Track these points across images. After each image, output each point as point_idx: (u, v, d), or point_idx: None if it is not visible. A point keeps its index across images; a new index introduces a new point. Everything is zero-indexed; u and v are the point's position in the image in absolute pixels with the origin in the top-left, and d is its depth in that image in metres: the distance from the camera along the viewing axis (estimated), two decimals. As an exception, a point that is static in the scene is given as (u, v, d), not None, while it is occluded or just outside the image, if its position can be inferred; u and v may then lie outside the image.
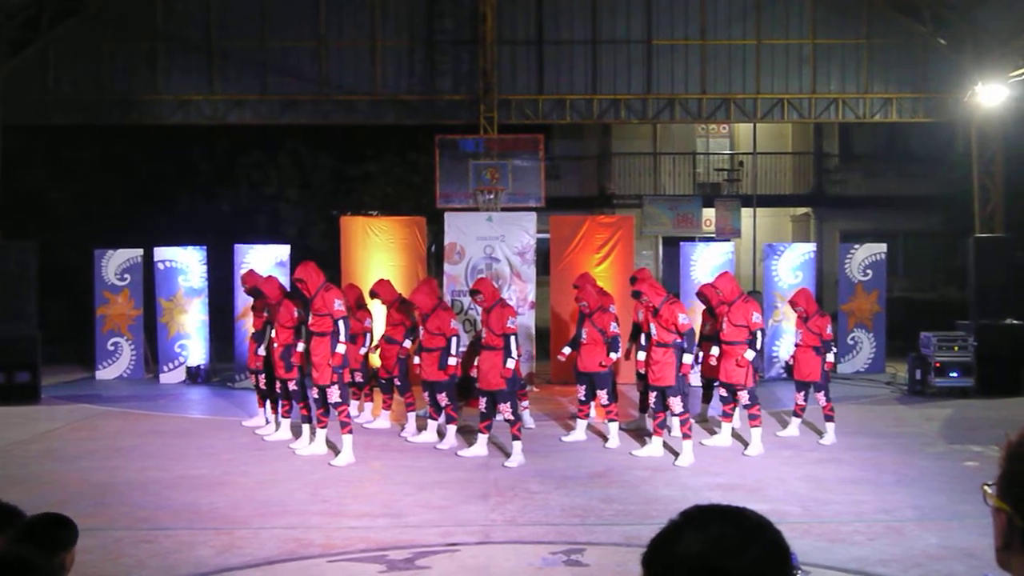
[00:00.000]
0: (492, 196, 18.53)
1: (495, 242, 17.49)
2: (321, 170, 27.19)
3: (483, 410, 11.42)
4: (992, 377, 15.68)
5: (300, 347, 11.85)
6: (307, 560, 7.69)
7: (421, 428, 12.63)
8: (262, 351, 12.78)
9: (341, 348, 11.20)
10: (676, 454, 11.20)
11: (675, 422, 11.58)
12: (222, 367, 18.48)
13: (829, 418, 12.20)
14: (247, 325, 15.20)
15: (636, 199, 27.19)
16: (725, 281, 12.08)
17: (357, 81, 19.98)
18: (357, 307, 13.32)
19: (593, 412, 12.81)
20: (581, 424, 12.55)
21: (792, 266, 18.19)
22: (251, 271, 14.26)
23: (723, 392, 12.09)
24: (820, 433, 12.36)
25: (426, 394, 12.31)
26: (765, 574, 1.67)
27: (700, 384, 13.62)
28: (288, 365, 11.92)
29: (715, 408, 12.84)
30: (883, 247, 18.93)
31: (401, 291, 13.96)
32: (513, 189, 18.75)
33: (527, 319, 16.99)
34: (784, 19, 20.10)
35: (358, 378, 13.49)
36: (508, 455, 11.20)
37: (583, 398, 12.37)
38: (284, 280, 14.86)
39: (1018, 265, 17.16)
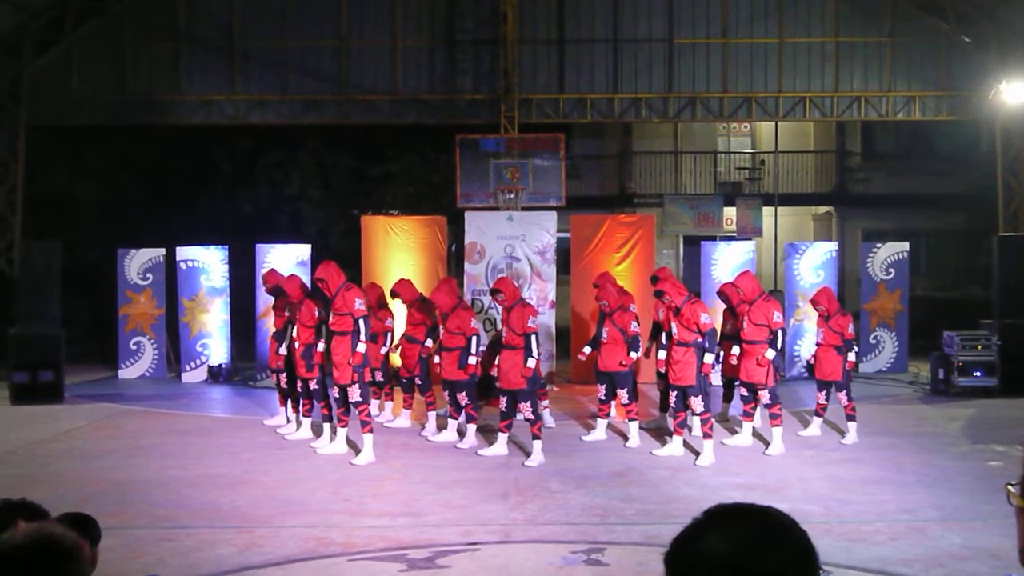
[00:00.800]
0: (512, 195, 18.53)
1: (515, 241, 17.48)
2: (342, 170, 27.27)
3: (503, 409, 11.41)
4: (1016, 376, 15.55)
5: (321, 346, 11.89)
6: (327, 559, 7.70)
7: (441, 427, 12.63)
8: (283, 350, 12.81)
9: (361, 347, 11.21)
10: (697, 453, 11.16)
11: (696, 421, 11.53)
12: (243, 366, 18.55)
13: (851, 418, 12.13)
14: (268, 324, 15.24)
15: (657, 198, 27.14)
16: (746, 280, 12.02)
17: (378, 81, 20.04)
18: (378, 306, 13.33)
19: (613, 411, 12.80)
20: (601, 423, 12.52)
21: (814, 265, 18.11)
22: (272, 270, 14.31)
23: (744, 391, 12.05)
24: (842, 433, 12.30)
25: (446, 393, 12.32)
26: (789, 575, 1.65)
27: (721, 383, 13.59)
28: (309, 364, 11.96)
29: (736, 407, 12.80)
30: (905, 246, 18.81)
31: (422, 290, 13.97)
32: (534, 188, 18.74)
33: (547, 318, 16.97)
34: (806, 17, 20.03)
35: (378, 377, 13.52)
36: (528, 454, 11.18)
37: (603, 397, 12.35)
38: (305, 280, 14.89)
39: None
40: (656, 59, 20.10)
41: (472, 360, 11.87)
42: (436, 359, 12.40)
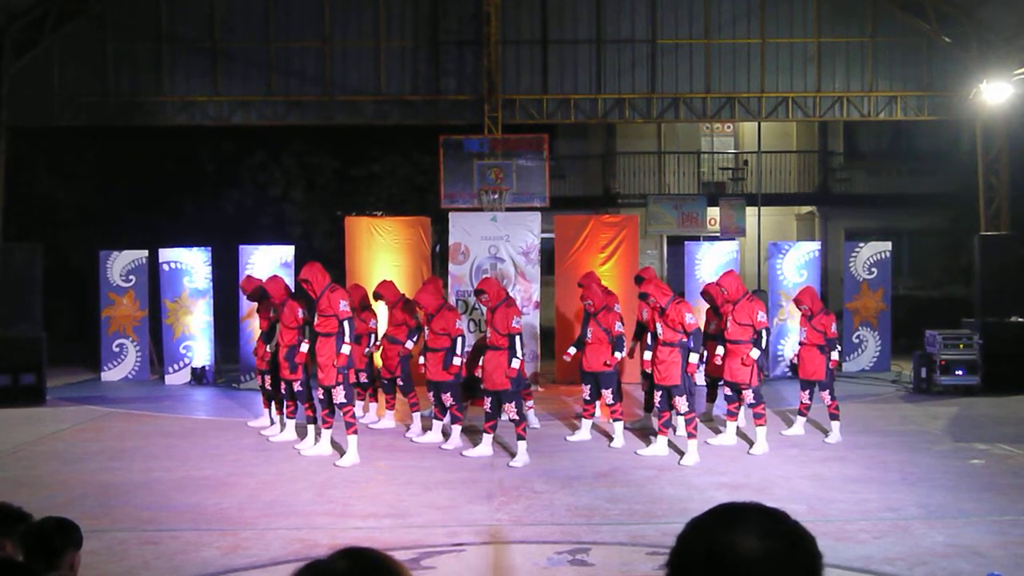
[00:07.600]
0: (496, 196, 18.53)
1: (500, 242, 17.48)
2: (325, 171, 27.18)
3: (488, 410, 11.42)
4: (998, 375, 15.66)
5: (304, 348, 11.86)
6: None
7: (426, 428, 12.63)
8: (271, 348, 12.71)
9: (346, 349, 11.20)
10: (681, 453, 11.19)
11: (681, 421, 11.56)
12: (227, 368, 18.49)
13: (834, 416, 12.18)
14: (251, 326, 15.19)
15: (641, 198, 27.18)
16: (730, 280, 12.04)
17: (361, 82, 19.98)
18: (361, 308, 13.31)
19: (598, 412, 12.81)
20: (586, 424, 12.54)
21: (797, 265, 18.18)
22: (248, 276, 14.31)
23: (728, 391, 12.07)
24: (825, 432, 12.35)
25: (431, 394, 12.31)
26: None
27: (705, 383, 13.62)
28: (292, 366, 11.92)
29: (720, 407, 12.83)
30: (888, 245, 18.91)
31: (405, 291, 13.95)
32: (517, 189, 18.73)
33: (532, 319, 16.99)
34: (788, 18, 20.08)
35: (363, 378, 13.50)
36: (513, 455, 11.19)
37: (588, 397, 12.36)
38: (289, 281, 14.84)
39: (1023, 262, 17.12)
40: (639, 60, 20.12)
41: (457, 361, 11.86)
42: (420, 360, 12.38)
